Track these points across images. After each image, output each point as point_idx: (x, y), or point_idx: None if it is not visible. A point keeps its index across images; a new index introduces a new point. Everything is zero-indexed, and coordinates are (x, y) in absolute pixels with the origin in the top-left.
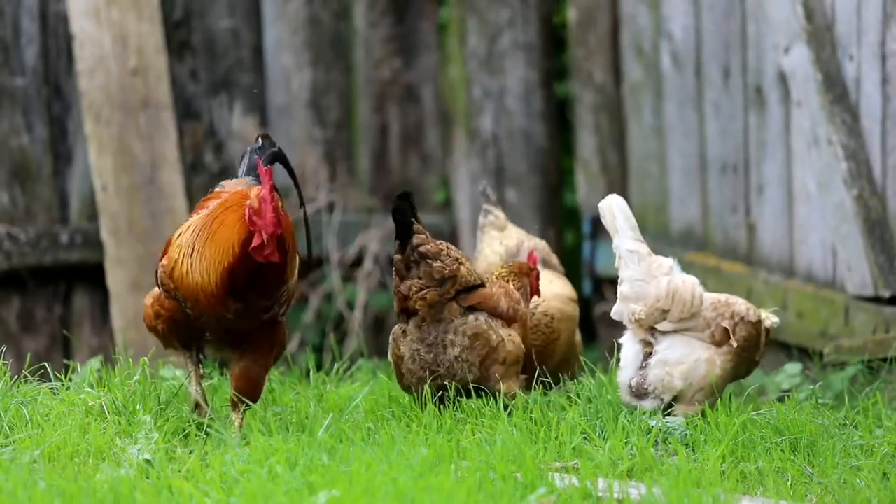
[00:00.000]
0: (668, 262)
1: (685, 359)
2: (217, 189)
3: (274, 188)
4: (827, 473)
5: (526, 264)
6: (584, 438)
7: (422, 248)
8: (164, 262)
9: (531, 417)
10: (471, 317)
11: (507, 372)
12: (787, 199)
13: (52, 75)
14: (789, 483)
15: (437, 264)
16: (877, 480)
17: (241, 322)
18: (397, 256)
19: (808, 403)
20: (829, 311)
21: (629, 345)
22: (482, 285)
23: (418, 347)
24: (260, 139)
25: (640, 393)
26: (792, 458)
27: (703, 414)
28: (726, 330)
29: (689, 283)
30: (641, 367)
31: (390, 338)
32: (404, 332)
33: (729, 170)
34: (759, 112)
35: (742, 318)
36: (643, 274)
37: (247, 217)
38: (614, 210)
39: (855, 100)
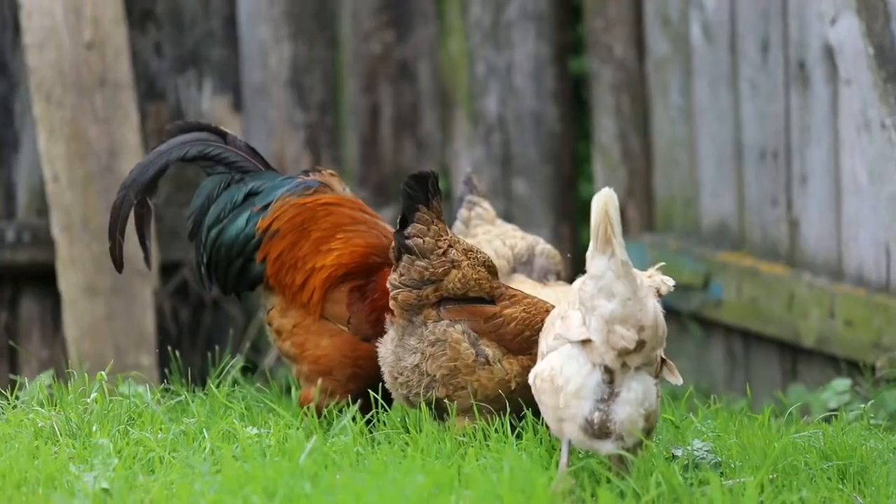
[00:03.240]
0: (648, 281)
1: (650, 398)
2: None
3: None
4: None
5: None
6: (603, 465)
7: (410, 241)
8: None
9: (543, 441)
10: (444, 322)
11: (476, 403)
12: (834, 190)
13: None
14: None
15: (420, 262)
16: None
17: None
18: (392, 243)
19: (859, 424)
20: (882, 319)
21: (583, 368)
22: (487, 300)
23: (391, 349)
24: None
25: (601, 432)
26: (840, 486)
27: (738, 436)
28: (664, 360)
29: (660, 311)
30: (603, 401)
31: None
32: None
33: (768, 157)
34: (803, 91)
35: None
36: (631, 292)
37: None
38: (610, 209)
39: None
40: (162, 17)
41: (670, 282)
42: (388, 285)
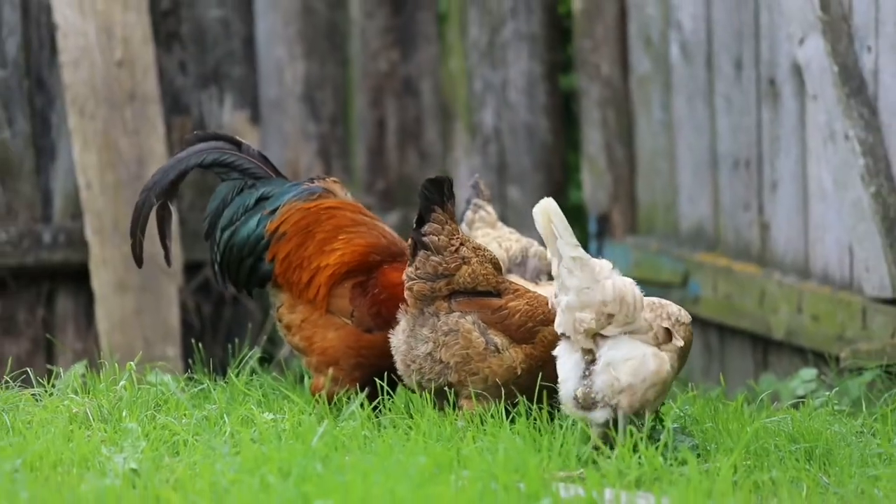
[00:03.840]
0: (608, 264)
1: (631, 355)
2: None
3: None
4: (844, 483)
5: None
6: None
7: (426, 238)
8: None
9: (535, 425)
10: (455, 314)
11: (486, 388)
12: (801, 196)
13: (35, 67)
14: (804, 493)
15: (434, 258)
16: (895, 490)
17: None
18: (409, 240)
19: (824, 410)
20: (845, 314)
21: (566, 356)
22: (494, 293)
23: (403, 338)
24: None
25: (587, 404)
26: (807, 467)
27: (715, 420)
28: (668, 330)
29: (629, 284)
30: (585, 377)
31: None
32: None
33: (741, 166)
34: (773, 106)
35: (678, 320)
36: (588, 280)
37: None
38: (551, 215)
39: (873, 93)
40: (186, 37)
41: (686, 316)
42: (403, 277)
